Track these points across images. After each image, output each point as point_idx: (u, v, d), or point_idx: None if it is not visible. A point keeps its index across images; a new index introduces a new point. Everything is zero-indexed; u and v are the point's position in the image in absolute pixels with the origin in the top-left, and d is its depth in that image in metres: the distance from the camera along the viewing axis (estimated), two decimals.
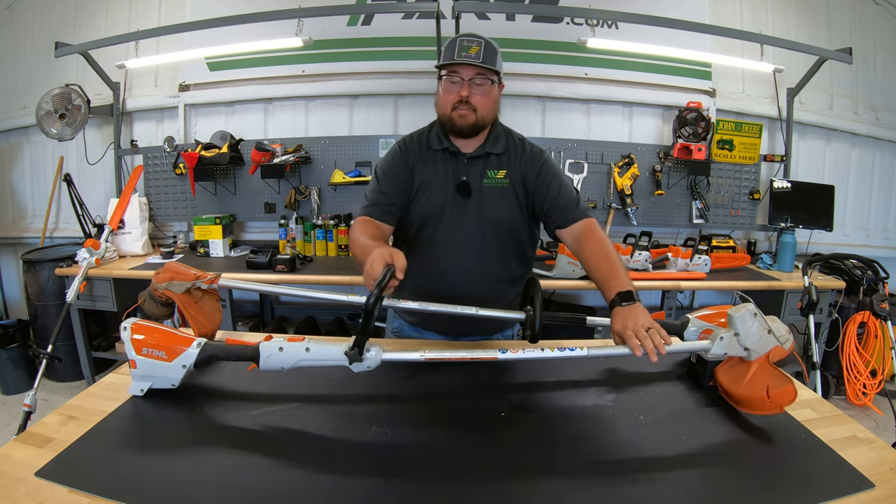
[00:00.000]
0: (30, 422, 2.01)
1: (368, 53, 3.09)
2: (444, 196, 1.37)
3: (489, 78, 1.30)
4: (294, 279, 2.53)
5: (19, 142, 3.44)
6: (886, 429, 2.39)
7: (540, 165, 1.39)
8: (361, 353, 0.94)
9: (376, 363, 0.96)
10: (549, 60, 3.09)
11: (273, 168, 2.90)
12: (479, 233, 1.37)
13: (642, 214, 3.13)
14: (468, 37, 1.28)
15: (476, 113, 1.30)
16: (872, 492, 0.80)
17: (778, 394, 0.98)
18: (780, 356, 1.02)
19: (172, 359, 0.97)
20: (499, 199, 1.38)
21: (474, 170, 1.38)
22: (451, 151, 1.38)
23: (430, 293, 1.30)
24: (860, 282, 2.65)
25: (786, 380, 1.00)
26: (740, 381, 1.03)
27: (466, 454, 0.90)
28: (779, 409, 1.00)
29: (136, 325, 1.01)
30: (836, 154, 3.35)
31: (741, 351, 1.03)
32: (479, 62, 1.25)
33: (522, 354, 1.02)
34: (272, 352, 0.94)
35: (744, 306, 1.03)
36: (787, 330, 1.05)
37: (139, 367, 0.99)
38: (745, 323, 1.01)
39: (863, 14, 3.25)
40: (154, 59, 2.98)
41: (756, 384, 1.01)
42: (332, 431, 0.97)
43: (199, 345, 0.98)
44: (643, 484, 0.83)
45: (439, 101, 1.35)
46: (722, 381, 1.09)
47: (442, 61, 1.29)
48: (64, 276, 2.68)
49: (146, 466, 0.85)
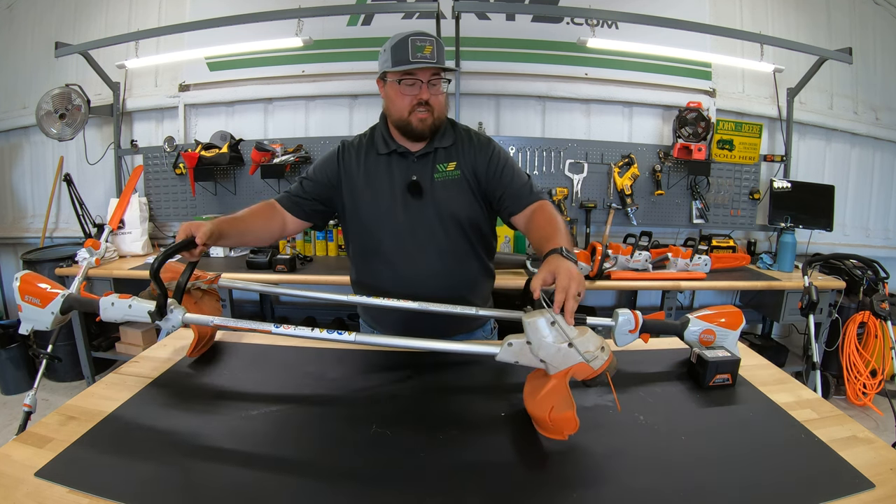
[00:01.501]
0: (30, 422, 2.01)
1: (368, 53, 3.09)
2: (391, 200, 1.33)
3: (445, 78, 1.28)
4: (294, 279, 2.53)
5: (19, 142, 3.45)
6: (886, 429, 2.39)
7: (490, 154, 1.36)
8: (163, 313, 1.03)
9: (178, 323, 1.05)
10: (549, 60, 3.09)
11: (273, 168, 2.91)
12: (441, 231, 1.33)
13: (642, 214, 3.13)
14: (420, 36, 1.22)
15: (433, 114, 1.28)
16: (872, 492, 0.80)
17: (559, 418, 0.88)
18: (585, 374, 0.88)
19: (45, 305, 1.12)
20: (453, 192, 1.34)
21: (423, 167, 1.34)
22: (400, 153, 1.35)
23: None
24: (860, 282, 2.65)
25: (570, 405, 0.88)
26: (535, 395, 0.92)
27: (466, 454, 0.89)
28: (561, 436, 0.90)
29: (24, 276, 1.15)
30: (836, 154, 3.35)
31: (536, 362, 0.90)
32: (435, 63, 1.22)
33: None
34: (107, 306, 1.08)
35: (539, 312, 0.89)
36: (597, 346, 0.88)
37: (23, 312, 1.14)
38: (539, 331, 0.87)
39: (863, 14, 3.25)
40: (154, 59, 2.98)
41: (544, 402, 0.89)
42: (332, 431, 0.97)
43: (62, 296, 1.13)
44: (643, 484, 0.83)
45: (392, 105, 1.30)
46: (525, 390, 0.99)
47: (395, 64, 1.23)
48: (64, 276, 2.67)
49: (146, 466, 0.84)
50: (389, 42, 1.25)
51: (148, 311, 1.03)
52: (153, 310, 1.03)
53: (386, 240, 1.35)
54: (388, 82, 1.29)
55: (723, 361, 1.14)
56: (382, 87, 1.33)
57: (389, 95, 1.30)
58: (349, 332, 1.01)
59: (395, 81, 1.26)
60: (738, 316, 1.23)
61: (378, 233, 1.35)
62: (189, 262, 1.12)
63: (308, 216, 1.40)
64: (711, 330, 1.21)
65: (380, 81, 1.33)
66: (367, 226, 1.36)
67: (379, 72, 1.31)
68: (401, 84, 1.25)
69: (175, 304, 1.05)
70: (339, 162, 1.38)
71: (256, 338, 1.44)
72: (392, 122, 1.33)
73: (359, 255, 1.42)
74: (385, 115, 1.38)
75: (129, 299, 1.06)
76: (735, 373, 1.16)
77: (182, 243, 1.07)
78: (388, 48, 1.25)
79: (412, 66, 1.21)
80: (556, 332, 0.87)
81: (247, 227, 1.30)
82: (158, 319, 1.03)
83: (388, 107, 1.32)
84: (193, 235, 1.09)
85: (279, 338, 1.46)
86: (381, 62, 1.28)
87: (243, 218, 1.29)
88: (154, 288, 1.04)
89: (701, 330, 1.20)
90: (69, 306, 1.13)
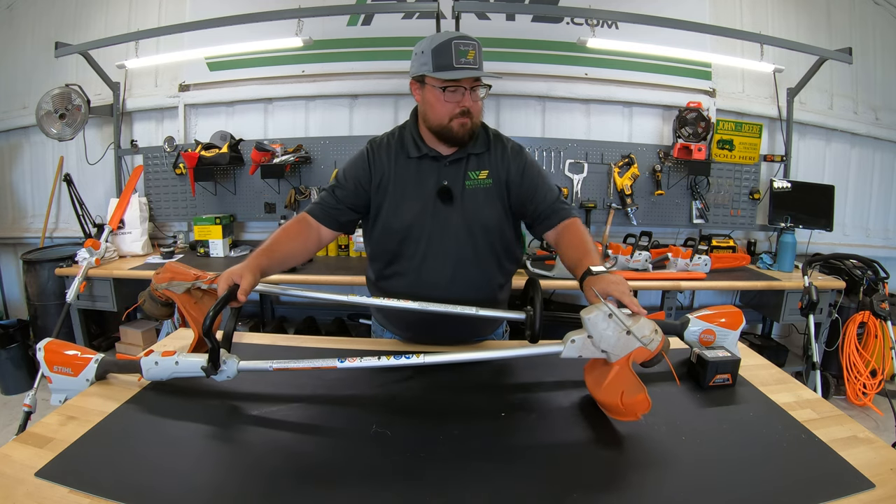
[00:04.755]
0: (30, 422, 2.01)
1: (368, 53, 3.09)
2: (423, 204, 1.29)
3: (485, 84, 1.24)
4: (294, 279, 2.53)
5: (19, 142, 3.44)
6: (886, 429, 2.39)
7: (524, 165, 1.33)
8: (216, 367, 1.02)
9: (233, 373, 1.04)
10: (549, 60, 3.09)
11: (273, 168, 2.90)
12: (467, 239, 1.30)
13: (642, 214, 3.13)
14: (463, 40, 1.17)
15: (472, 120, 1.24)
16: (872, 492, 0.80)
17: (631, 402, 0.94)
18: (645, 357, 0.95)
19: (77, 373, 1.09)
20: (483, 200, 1.31)
21: (455, 173, 1.31)
22: (432, 157, 1.31)
23: (448, 327, 1.26)
24: (860, 282, 2.65)
25: (640, 388, 0.94)
26: (601, 384, 0.99)
27: (466, 454, 0.89)
28: (634, 417, 0.95)
29: (48, 345, 1.11)
30: (836, 154, 3.35)
31: (598, 353, 0.98)
32: (478, 69, 1.18)
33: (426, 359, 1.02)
34: (150, 365, 1.06)
35: (596, 307, 0.98)
36: (651, 329, 0.96)
37: (54, 382, 1.10)
38: (598, 325, 0.96)
39: (863, 14, 3.24)
40: (154, 59, 2.98)
41: (613, 389, 0.96)
42: (333, 432, 0.97)
43: (96, 361, 1.10)
44: (644, 484, 0.83)
45: (431, 111, 1.25)
46: (587, 382, 1.06)
47: (437, 69, 1.18)
48: (64, 276, 2.68)
49: (146, 466, 0.85)
50: (428, 43, 1.20)
51: (201, 367, 1.02)
52: (206, 365, 1.01)
53: (411, 245, 1.31)
54: (428, 87, 1.23)
55: (723, 361, 1.15)
56: (418, 89, 1.27)
57: (429, 100, 1.25)
58: (416, 355, 1.02)
59: (437, 87, 1.21)
60: (738, 316, 1.23)
61: (404, 237, 1.31)
62: (233, 309, 1.10)
63: (342, 226, 1.36)
64: (711, 330, 1.21)
65: (415, 83, 1.28)
66: (393, 229, 1.32)
67: (414, 73, 1.25)
68: (445, 91, 1.21)
69: (226, 353, 1.04)
70: (370, 164, 1.33)
71: (256, 338, 1.44)
72: (429, 127, 1.28)
73: (380, 258, 1.38)
74: (416, 116, 1.33)
75: (173, 356, 1.04)
76: (735, 373, 1.16)
77: (226, 296, 1.04)
78: (427, 50, 1.20)
79: (457, 73, 1.17)
80: (614, 323, 0.96)
81: (285, 255, 1.26)
82: (213, 374, 1.02)
83: (427, 111, 1.27)
84: (236, 284, 1.06)
85: (279, 338, 1.48)
86: (419, 64, 1.22)
87: (279, 246, 1.24)
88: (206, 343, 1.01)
89: (701, 330, 1.21)
90: (105, 370, 1.10)
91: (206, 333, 0.98)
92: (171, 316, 1.39)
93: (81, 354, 1.10)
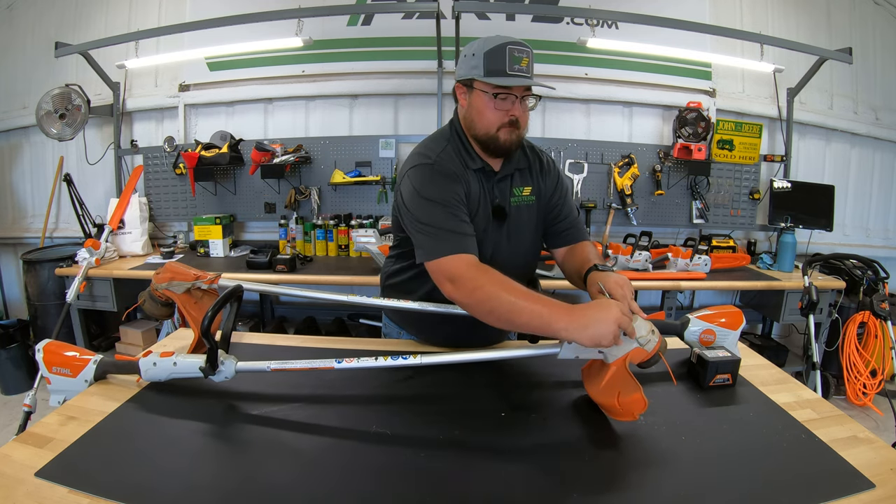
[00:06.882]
0: (30, 422, 2.01)
1: (368, 53, 3.09)
2: (486, 221, 1.23)
3: (535, 94, 1.18)
4: (294, 279, 2.53)
5: (19, 142, 3.44)
6: (886, 429, 2.39)
7: (557, 182, 1.33)
8: (214, 367, 1.02)
9: (231, 374, 1.04)
10: (549, 60, 3.09)
11: (273, 168, 2.90)
12: (510, 257, 1.26)
13: (642, 214, 3.13)
14: (517, 46, 1.11)
15: (519, 130, 1.19)
16: (872, 492, 0.80)
17: (628, 401, 0.94)
18: (642, 358, 0.95)
19: (76, 374, 1.09)
20: (526, 218, 1.28)
21: (503, 190, 1.26)
22: (486, 171, 1.24)
23: (473, 330, 1.17)
24: (860, 282, 2.65)
25: (636, 388, 0.95)
26: (598, 384, 0.99)
27: (466, 455, 0.89)
28: (632, 417, 0.95)
29: (47, 346, 1.11)
30: (836, 154, 3.35)
31: (595, 354, 0.99)
32: (531, 78, 1.13)
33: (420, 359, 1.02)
34: (148, 366, 1.06)
35: None
36: (648, 330, 0.95)
37: (52, 383, 1.10)
38: None
39: (863, 14, 3.25)
40: (154, 59, 2.98)
41: (610, 389, 0.96)
42: (332, 431, 0.97)
43: (94, 362, 1.10)
44: (644, 483, 0.83)
45: (479, 118, 1.18)
46: (585, 383, 1.07)
47: (489, 74, 1.12)
48: (64, 276, 2.68)
49: (146, 466, 0.85)
50: (479, 46, 1.14)
51: (199, 367, 1.03)
52: (204, 365, 1.02)
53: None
54: (476, 91, 1.17)
55: (723, 361, 1.14)
56: (465, 93, 1.21)
57: (477, 106, 1.18)
58: (413, 355, 1.02)
59: (488, 94, 1.15)
60: (738, 316, 1.23)
61: None
62: (233, 309, 1.11)
63: None
64: (711, 330, 1.21)
65: (461, 87, 1.21)
66: None
67: (462, 76, 1.19)
68: (496, 98, 1.15)
69: (224, 354, 1.04)
70: (458, 175, 1.19)
71: (256, 338, 1.44)
72: (474, 135, 1.21)
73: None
74: (460, 124, 1.25)
75: (171, 357, 1.05)
76: (735, 373, 1.16)
77: (226, 296, 1.06)
78: (478, 52, 1.13)
79: (510, 80, 1.11)
80: None
81: None
82: (211, 374, 1.02)
83: (473, 118, 1.19)
84: (239, 285, 1.08)
85: (279, 338, 1.48)
86: (469, 67, 1.16)
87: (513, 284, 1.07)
88: (204, 343, 1.02)
89: (701, 330, 1.21)
90: (104, 371, 1.10)
91: (205, 334, 0.98)
92: (171, 316, 1.39)
93: (80, 355, 1.11)
